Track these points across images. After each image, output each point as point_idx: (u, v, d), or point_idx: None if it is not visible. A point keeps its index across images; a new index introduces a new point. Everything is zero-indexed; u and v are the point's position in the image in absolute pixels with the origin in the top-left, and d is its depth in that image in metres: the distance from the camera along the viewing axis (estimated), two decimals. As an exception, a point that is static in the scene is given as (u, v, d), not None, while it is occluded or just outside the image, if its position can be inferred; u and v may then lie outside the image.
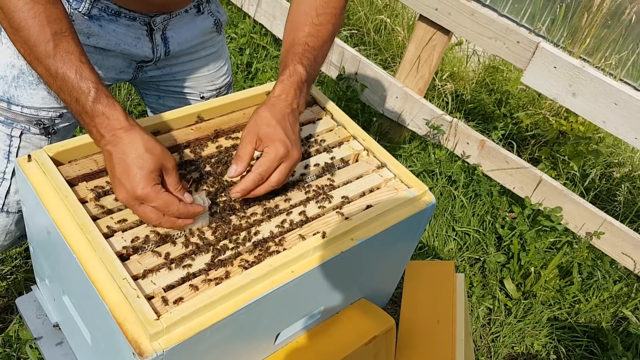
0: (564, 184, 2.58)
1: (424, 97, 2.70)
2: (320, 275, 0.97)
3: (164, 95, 1.36)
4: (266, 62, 3.05)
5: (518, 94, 3.25)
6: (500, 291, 2.27)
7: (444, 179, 2.61)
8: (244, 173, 0.95)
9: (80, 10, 1.08)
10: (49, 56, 0.84)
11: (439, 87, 3.01)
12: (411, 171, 2.70)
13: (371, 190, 1.10)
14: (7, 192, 1.17)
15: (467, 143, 2.59)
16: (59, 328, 1.15)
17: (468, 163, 2.61)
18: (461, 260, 2.36)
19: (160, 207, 0.86)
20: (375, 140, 2.68)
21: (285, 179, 0.96)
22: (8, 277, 1.80)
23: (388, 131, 2.82)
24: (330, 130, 1.19)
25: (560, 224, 2.34)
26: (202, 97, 1.37)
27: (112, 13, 1.11)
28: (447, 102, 2.97)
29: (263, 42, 3.12)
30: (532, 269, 2.27)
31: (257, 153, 0.98)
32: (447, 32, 2.46)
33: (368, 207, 1.04)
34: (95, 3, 1.08)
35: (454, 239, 2.44)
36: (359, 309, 1.18)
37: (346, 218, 1.01)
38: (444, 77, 3.13)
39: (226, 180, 1.02)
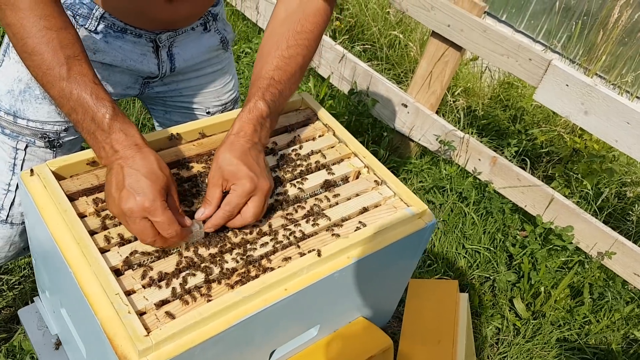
0: (577, 203, 2.54)
1: (436, 112, 2.69)
2: (314, 294, 0.96)
3: (171, 110, 1.37)
4: (279, 76, 3.07)
5: (533, 111, 3.22)
6: (509, 311, 2.23)
7: (455, 196, 2.59)
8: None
9: (86, 26, 1.10)
10: (63, 79, 0.87)
11: (452, 102, 3.00)
12: (422, 187, 2.70)
13: (370, 208, 1.09)
14: (12, 203, 1.19)
15: (479, 159, 2.57)
16: (59, 340, 1.17)
17: (479, 180, 2.59)
18: (471, 279, 2.34)
19: (162, 224, 0.86)
20: (386, 155, 2.69)
21: (261, 210, 0.96)
22: (16, 287, 1.83)
23: (399, 146, 2.81)
24: (332, 147, 1.19)
25: (571, 243, 2.30)
26: (208, 113, 1.39)
27: (118, 30, 1.13)
28: (460, 118, 2.96)
29: (277, 56, 3.14)
30: (543, 289, 2.24)
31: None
32: (459, 48, 2.46)
33: (366, 225, 1.04)
34: (101, 20, 1.10)
35: (464, 257, 2.41)
36: (356, 328, 1.18)
37: (343, 236, 1.01)
38: (456, 93, 3.12)
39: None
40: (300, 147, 1.17)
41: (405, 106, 2.67)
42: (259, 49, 1.08)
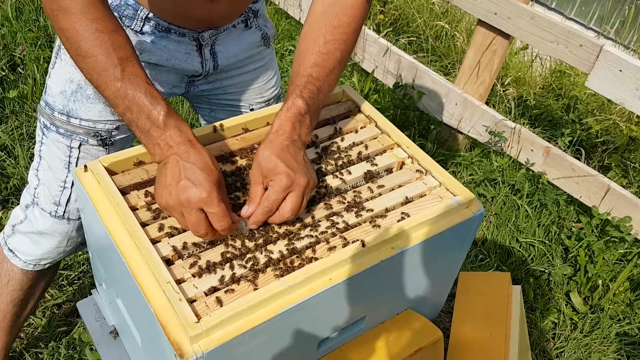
0: (635, 193, 2.44)
1: (485, 103, 2.64)
2: (360, 284, 0.97)
3: (216, 108, 1.40)
4: (324, 72, 3.08)
5: (587, 99, 3.10)
6: (566, 305, 2.16)
7: (507, 188, 2.53)
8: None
9: (132, 27, 1.14)
10: (117, 79, 0.90)
11: (501, 92, 2.93)
12: (472, 180, 2.65)
13: (414, 199, 1.08)
14: (68, 200, 1.24)
15: (532, 150, 2.50)
16: (116, 330, 1.21)
17: (532, 171, 2.52)
18: (525, 273, 2.28)
19: (216, 215, 0.88)
20: (433, 148, 2.66)
21: (299, 206, 0.96)
22: (75, 282, 1.91)
23: (447, 139, 2.77)
24: (374, 138, 1.19)
25: (630, 234, 2.21)
26: (252, 109, 1.41)
27: (162, 30, 1.16)
28: (510, 108, 2.89)
29: (321, 53, 3.15)
30: (600, 282, 2.16)
31: None
32: (507, 36, 2.40)
33: (410, 215, 1.03)
34: (146, 21, 1.14)
35: (518, 251, 2.35)
36: (404, 320, 1.17)
37: (387, 227, 1.00)
38: (506, 83, 3.04)
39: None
40: (342, 140, 1.17)
41: (453, 97, 2.62)
42: (297, 46, 1.09)
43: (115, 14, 1.13)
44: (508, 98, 2.91)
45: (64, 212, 1.25)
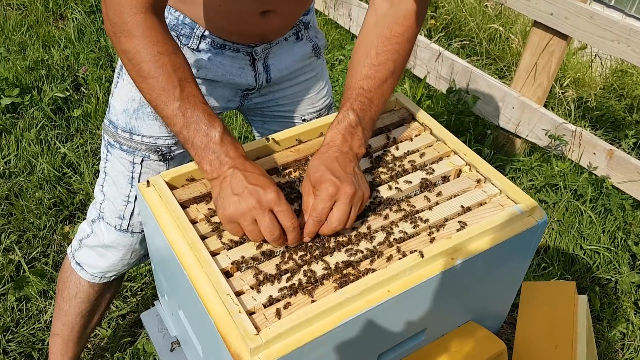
0: None
1: (544, 106, 2.56)
2: (419, 296, 0.95)
3: (269, 120, 1.42)
4: (376, 80, 3.07)
5: (653, 98, 2.96)
6: (635, 314, 2.06)
7: (569, 193, 2.44)
8: None
9: (189, 45, 1.17)
10: (176, 99, 0.93)
11: (560, 94, 2.83)
12: (532, 186, 2.57)
13: (473, 208, 1.06)
14: (132, 214, 1.28)
15: (594, 153, 2.40)
16: (178, 341, 1.24)
17: (595, 175, 2.42)
18: (591, 281, 2.18)
19: (287, 213, 0.90)
20: (490, 154, 2.59)
21: (346, 215, 0.94)
22: (138, 293, 1.97)
23: (504, 144, 2.70)
24: (430, 146, 1.17)
25: None
26: (304, 120, 1.42)
27: (217, 46, 1.19)
28: (570, 111, 2.79)
29: (372, 61, 3.14)
30: (675, 291, 2.04)
31: None
32: (564, 36, 2.32)
33: (469, 225, 1.01)
34: (202, 38, 1.17)
35: (582, 258, 2.26)
36: (466, 332, 1.14)
37: (445, 237, 0.98)
38: (565, 84, 2.94)
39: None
40: (397, 148, 1.16)
41: (510, 101, 2.56)
42: (350, 59, 1.10)
43: (173, 33, 1.16)
44: (567, 100, 2.81)
45: (128, 225, 1.29)
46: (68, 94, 2.77)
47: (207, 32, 1.17)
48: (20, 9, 3.44)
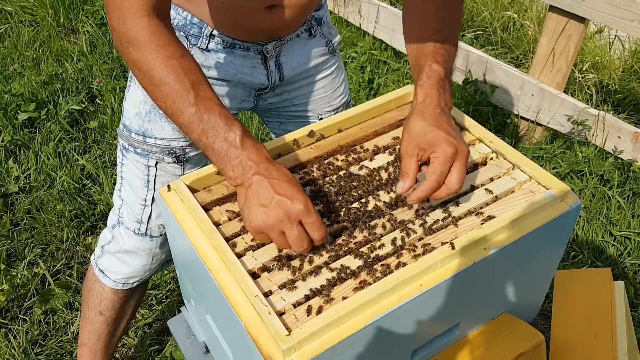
0: None
1: (564, 91, 2.50)
2: (452, 289, 0.92)
3: (285, 120, 1.40)
4: (388, 76, 3.04)
5: (676, 78, 2.89)
6: (673, 300, 2.00)
7: (596, 179, 2.38)
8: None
9: (199, 45, 1.15)
10: (191, 105, 0.89)
11: (580, 79, 2.77)
12: (556, 173, 2.51)
13: (503, 196, 1.02)
14: (149, 217, 1.27)
15: (619, 137, 2.34)
16: (207, 347, 1.22)
17: (622, 159, 2.36)
18: (623, 268, 2.13)
19: (315, 223, 0.86)
20: (511, 143, 2.55)
21: (464, 176, 0.92)
22: (164, 300, 1.96)
23: (525, 132, 2.65)
24: (454, 136, 1.14)
25: None
26: (321, 119, 1.39)
27: (227, 45, 1.17)
28: (591, 95, 2.73)
29: (384, 57, 3.11)
30: None
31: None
32: (582, 19, 2.27)
33: (500, 213, 0.98)
34: (211, 38, 1.15)
35: (613, 245, 2.20)
36: (502, 324, 1.10)
37: (476, 226, 0.95)
38: (584, 69, 2.88)
39: (352, 196, 1.02)
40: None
41: (529, 88, 2.51)
42: (404, 30, 1.07)
43: (182, 33, 1.15)
44: (588, 84, 2.75)
45: (147, 229, 1.28)
46: (84, 106, 2.78)
47: (215, 31, 1.15)
48: (33, 25, 3.47)
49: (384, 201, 1.01)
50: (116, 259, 1.35)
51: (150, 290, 1.98)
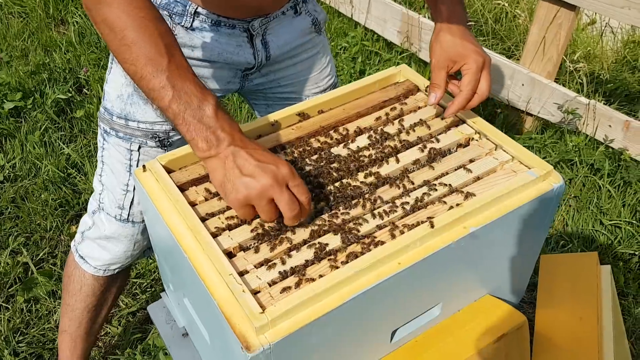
0: None
1: (555, 81, 2.49)
2: (431, 268, 0.90)
3: (272, 103, 1.37)
4: (379, 67, 3.02)
5: (667, 68, 2.87)
6: (662, 289, 1.99)
7: (586, 168, 2.37)
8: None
9: (182, 24, 1.13)
10: (164, 69, 0.85)
11: (571, 68, 2.76)
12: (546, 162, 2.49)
13: (484, 176, 1.01)
14: (131, 203, 1.24)
15: (609, 126, 2.33)
16: (186, 332, 1.20)
17: (612, 148, 2.35)
18: (613, 257, 2.11)
19: (301, 186, 0.85)
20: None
21: (491, 83, 1.03)
22: (148, 290, 1.94)
23: (515, 122, 2.63)
24: (436, 117, 1.12)
25: None
26: (308, 101, 1.37)
27: (212, 23, 1.14)
28: (582, 84, 2.71)
29: (375, 47, 3.09)
30: (701, 262, 1.97)
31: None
32: (572, 7, 2.25)
33: (482, 192, 0.96)
34: (195, 15, 1.12)
35: (603, 234, 2.19)
36: (484, 306, 1.09)
37: (457, 205, 0.93)
38: (575, 59, 2.86)
39: (332, 176, 1.00)
40: (402, 120, 1.11)
41: (519, 78, 2.49)
42: None
43: (165, 12, 1.12)
44: (579, 74, 2.73)
45: (128, 215, 1.25)
46: (70, 95, 2.75)
47: (200, 9, 1.12)
48: (22, 16, 3.43)
49: (365, 182, 0.99)
50: (97, 245, 1.32)
51: (135, 279, 1.96)
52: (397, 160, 1.03)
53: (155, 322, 1.27)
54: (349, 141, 1.07)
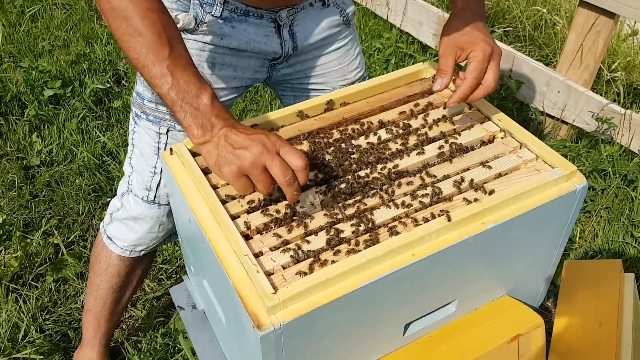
0: None
1: (591, 89, 2.44)
2: (446, 262, 0.90)
3: (299, 94, 1.39)
4: (414, 69, 3.01)
5: None
6: (693, 305, 1.93)
7: (619, 179, 2.32)
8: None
9: (213, 13, 1.16)
10: (165, 58, 0.90)
11: (608, 77, 2.70)
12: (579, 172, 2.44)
13: (506, 173, 1.00)
14: (158, 185, 1.28)
15: (645, 137, 2.27)
16: (206, 316, 1.23)
17: (647, 160, 2.29)
18: (642, 271, 2.06)
19: (292, 152, 0.87)
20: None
21: (499, 77, 1.01)
22: (173, 276, 1.98)
23: (550, 130, 2.59)
24: (461, 113, 1.12)
25: None
26: (335, 93, 1.38)
27: (241, 13, 1.17)
28: (619, 94, 2.65)
29: (410, 50, 3.09)
30: None
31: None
32: (612, 15, 2.21)
33: (502, 189, 0.95)
34: (225, 5, 1.15)
35: (634, 247, 2.14)
36: (501, 306, 1.08)
37: (477, 201, 0.93)
38: (613, 68, 2.80)
39: (352, 167, 1.01)
40: (427, 115, 1.11)
41: (555, 85, 2.45)
42: None
43: (197, 1, 1.15)
44: (617, 83, 2.67)
45: (155, 196, 1.29)
46: (109, 85, 2.83)
47: None
48: (66, 8, 3.54)
49: (383, 173, 1.00)
50: (124, 226, 1.36)
51: (161, 265, 2.00)
52: (418, 154, 1.03)
53: (177, 303, 1.30)
54: (371, 133, 1.08)
